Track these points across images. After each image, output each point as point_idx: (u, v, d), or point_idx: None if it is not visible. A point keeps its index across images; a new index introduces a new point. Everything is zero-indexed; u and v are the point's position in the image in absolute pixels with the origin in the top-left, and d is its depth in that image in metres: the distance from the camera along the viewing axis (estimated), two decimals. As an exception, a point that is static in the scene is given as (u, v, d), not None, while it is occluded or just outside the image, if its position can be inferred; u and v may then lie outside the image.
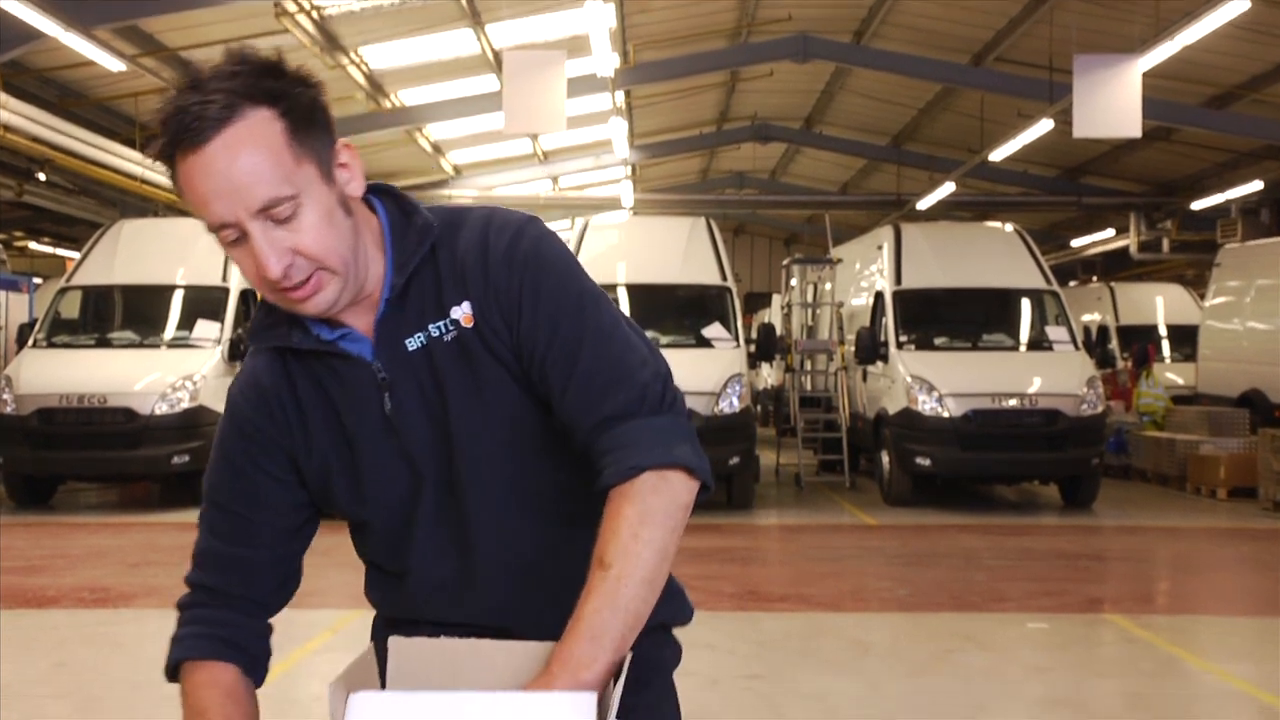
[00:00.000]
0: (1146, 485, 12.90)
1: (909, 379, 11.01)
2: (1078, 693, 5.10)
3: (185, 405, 10.30)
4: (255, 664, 1.42)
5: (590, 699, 1.02)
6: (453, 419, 1.37)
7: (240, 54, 1.27)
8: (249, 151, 1.23)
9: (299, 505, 1.43)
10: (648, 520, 1.26)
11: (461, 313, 1.36)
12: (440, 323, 1.37)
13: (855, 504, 11.47)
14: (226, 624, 1.40)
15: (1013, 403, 10.81)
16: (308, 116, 1.29)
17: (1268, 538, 9.63)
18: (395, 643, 1.27)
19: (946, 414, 10.75)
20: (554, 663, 1.17)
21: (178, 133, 1.24)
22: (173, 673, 1.41)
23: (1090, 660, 5.78)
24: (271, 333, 1.40)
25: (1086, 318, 17.43)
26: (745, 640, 5.99)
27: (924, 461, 10.81)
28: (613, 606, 1.21)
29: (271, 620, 1.47)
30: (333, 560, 1.50)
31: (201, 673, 1.37)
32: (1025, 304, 12.16)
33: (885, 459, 11.49)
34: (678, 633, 1.58)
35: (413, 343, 1.37)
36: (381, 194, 1.41)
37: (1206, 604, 7.37)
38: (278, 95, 1.26)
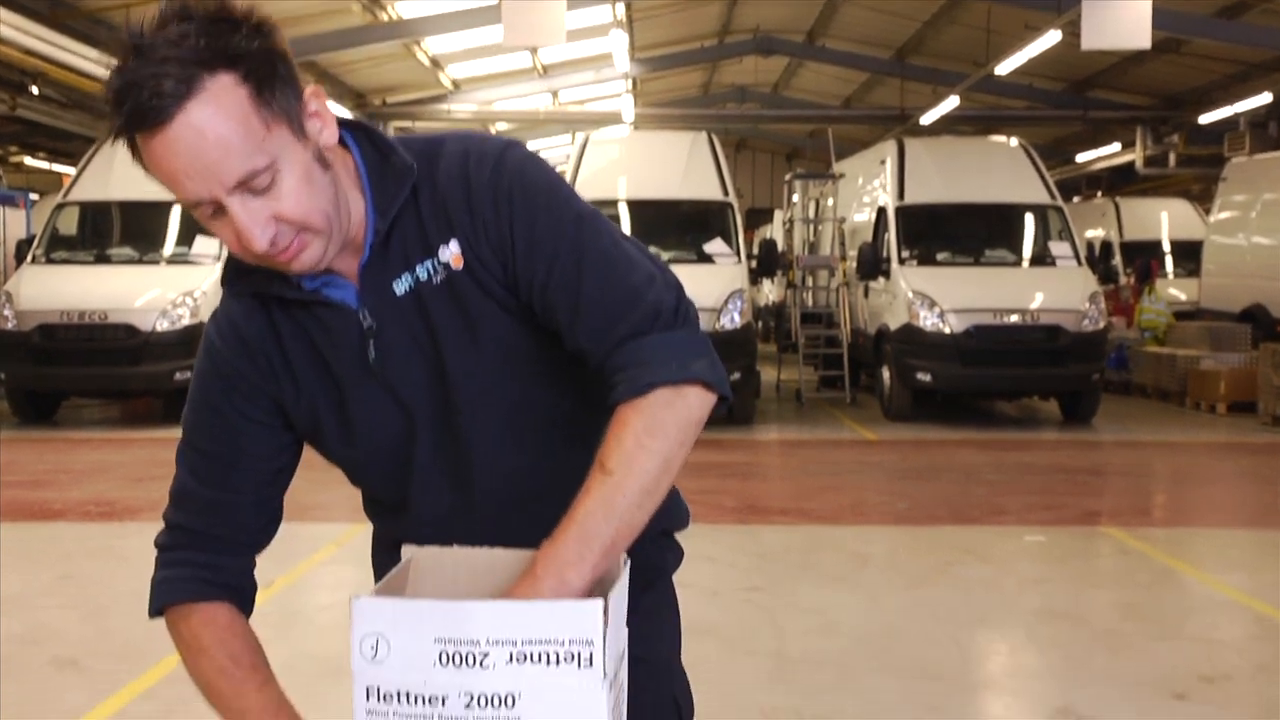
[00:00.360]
0: (1146, 401, 12.94)
1: (910, 294, 10.98)
2: (1075, 604, 5.16)
3: (186, 322, 10.29)
4: (245, 601, 1.41)
5: (596, 606, 1.01)
6: (447, 359, 1.34)
7: (182, 7, 1.17)
8: (216, 126, 1.15)
9: (282, 447, 1.40)
10: (655, 432, 1.23)
11: (450, 254, 1.31)
12: (427, 263, 1.32)
13: (855, 419, 11.51)
14: (211, 565, 1.38)
15: (1014, 318, 10.80)
16: (270, 73, 1.20)
17: (1266, 452, 9.69)
18: (409, 550, 1.27)
19: (948, 329, 10.75)
20: (540, 562, 1.15)
21: (134, 113, 1.15)
22: (157, 614, 1.40)
23: (1087, 572, 5.84)
24: (250, 279, 1.34)
25: (1090, 233, 17.33)
26: (745, 553, 6.05)
27: (924, 377, 10.83)
28: (607, 511, 1.19)
29: (257, 556, 1.45)
30: (336, 475, 1.49)
31: (196, 614, 1.36)
32: (1029, 219, 12.08)
33: (886, 374, 11.51)
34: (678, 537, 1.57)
35: (400, 286, 1.33)
36: (353, 129, 1.34)
37: (1203, 517, 7.44)
38: (235, 57, 1.17)
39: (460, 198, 1.31)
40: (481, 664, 0.99)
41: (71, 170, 13.94)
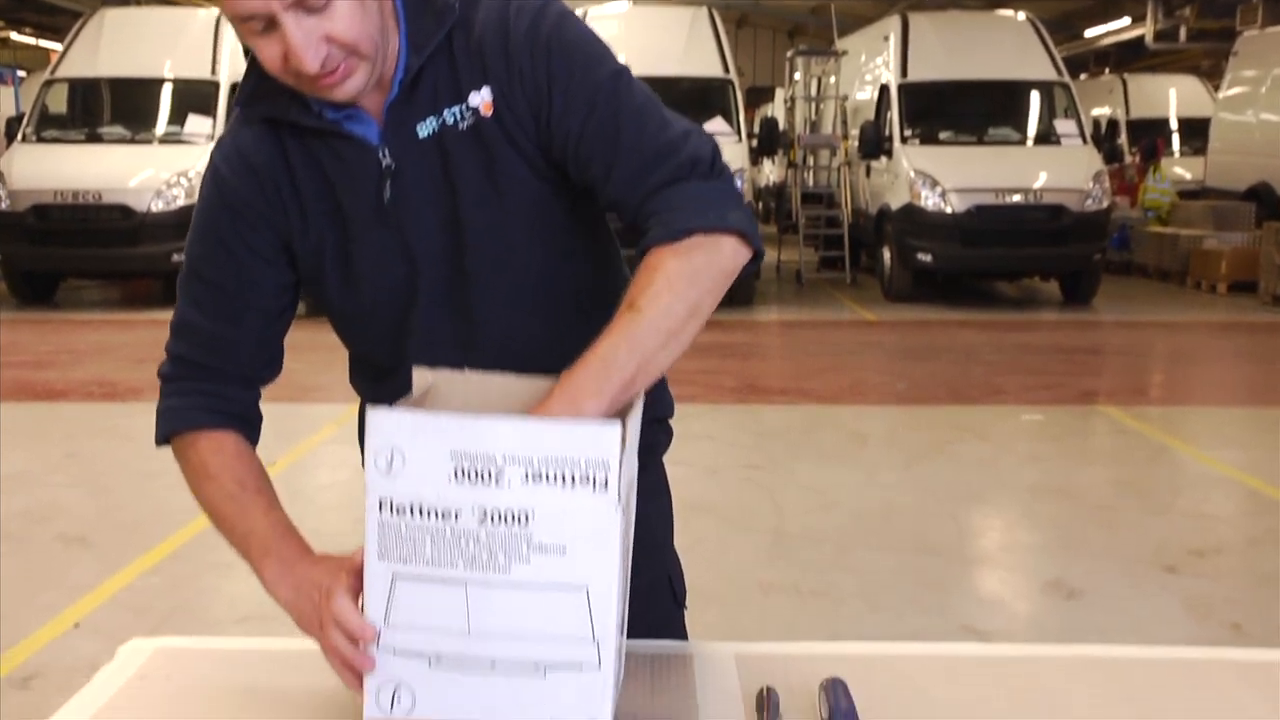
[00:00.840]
0: (1147, 281, 12.92)
1: (912, 174, 10.86)
2: (1070, 480, 5.22)
3: (181, 202, 10.19)
4: (252, 430, 1.40)
5: (615, 430, 1.00)
6: (462, 209, 1.31)
7: None
8: None
9: (285, 287, 1.37)
10: (687, 276, 1.20)
11: (481, 99, 1.28)
12: (456, 108, 1.29)
13: (855, 300, 11.50)
14: (217, 395, 1.37)
15: (1016, 198, 10.70)
16: None
17: (1265, 331, 9.70)
18: (422, 374, 1.24)
19: (949, 209, 10.66)
20: (557, 389, 1.13)
21: None
22: (163, 442, 1.39)
23: (1083, 450, 5.90)
24: (266, 103, 1.31)
25: (1097, 111, 17.07)
26: (745, 432, 6.10)
27: (925, 257, 10.79)
28: (630, 345, 1.16)
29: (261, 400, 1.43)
30: (338, 355, 1.48)
31: (203, 440, 1.35)
32: (1034, 97, 11.86)
33: (886, 255, 11.46)
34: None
35: (424, 129, 1.30)
36: None
37: (1200, 395, 7.48)
38: None
39: (498, 46, 1.28)
40: (497, 481, 1.00)
41: (59, 46, 13.65)
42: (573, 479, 0.99)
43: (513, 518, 1.00)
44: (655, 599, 1.46)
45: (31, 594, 3.77)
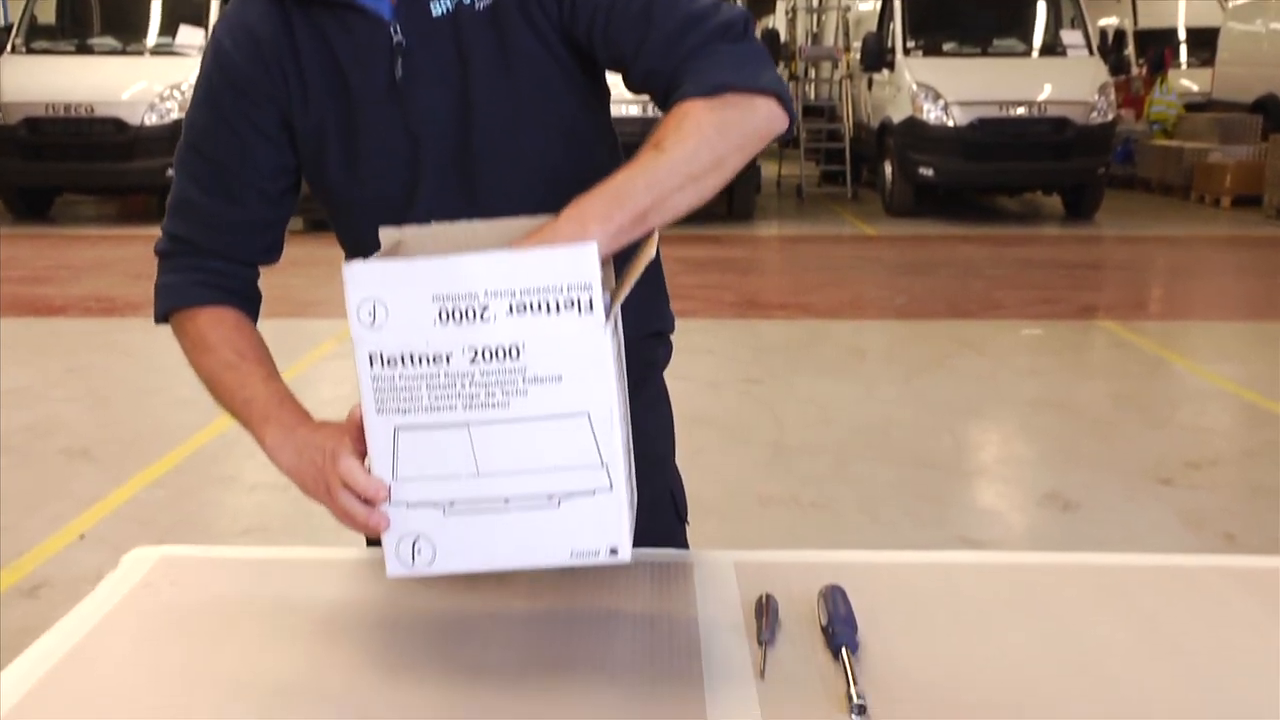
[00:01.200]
0: (1150, 195, 12.83)
1: (915, 86, 10.72)
2: (1067, 394, 5.24)
3: (175, 115, 10.08)
4: (252, 306, 1.38)
5: (591, 249, 0.98)
6: (473, 89, 1.27)
7: None
8: None
9: (285, 169, 1.34)
10: (717, 125, 1.16)
11: None
12: None
13: (856, 215, 11.44)
14: (217, 272, 1.35)
15: (1020, 110, 10.57)
16: None
17: (1267, 245, 9.66)
18: (390, 232, 1.20)
19: (952, 122, 10.55)
20: (565, 211, 1.09)
21: None
22: (162, 320, 1.37)
23: (1081, 364, 5.91)
24: None
25: (1103, 21, 16.79)
26: (744, 346, 6.11)
27: (927, 171, 10.70)
28: (649, 180, 1.12)
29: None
30: (336, 270, 1.46)
31: (202, 315, 1.33)
32: (1040, 6, 11.66)
33: (888, 169, 11.36)
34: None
35: (438, 7, 1.26)
36: None
37: (1199, 310, 7.47)
38: None
39: None
40: (482, 317, 0.99)
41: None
42: (557, 305, 0.99)
43: (504, 353, 1.00)
44: (658, 514, 1.46)
45: (36, 506, 3.81)
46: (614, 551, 1.04)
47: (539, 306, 0.99)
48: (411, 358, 1.01)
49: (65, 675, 1.09)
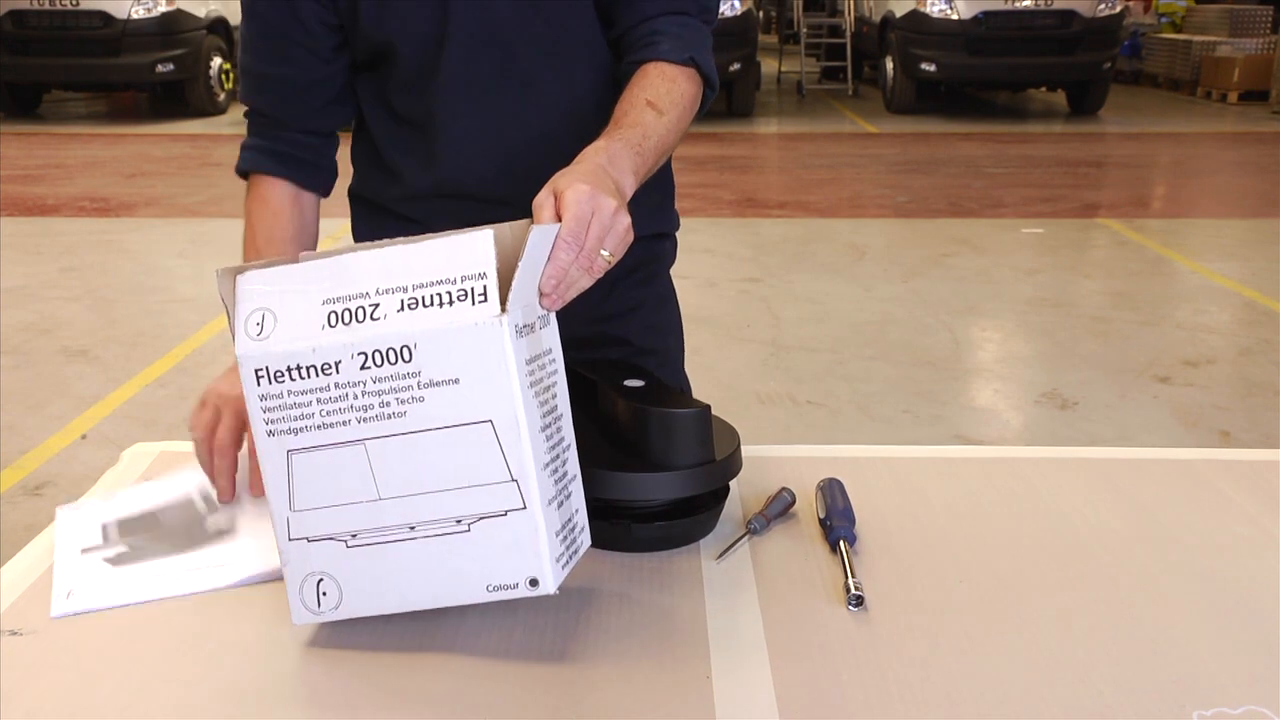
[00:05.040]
0: (1156, 91, 12.65)
1: (920, -22, 10.49)
2: (1066, 293, 5.23)
3: (163, 9, 9.88)
4: (318, 174, 1.39)
5: (487, 236, 0.91)
6: None
7: None
8: None
9: (331, 25, 1.33)
10: (689, 102, 1.25)
11: None
12: None
13: (857, 112, 11.28)
14: (281, 139, 1.37)
15: (1026, 3, 10.36)
16: None
17: (1272, 141, 9.56)
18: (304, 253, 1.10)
19: (956, 16, 10.35)
20: (593, 160, 1.07)
21: None
22: (242, 177, 1.41)
23: (1080, 262, 5.89)
24: None
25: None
26: (743, 245, 6.08)
27: (929, 67, 10.53)
28: (656, 143, 1.16)
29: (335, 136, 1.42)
30: (343, 170, 1.44)
31: (257, 187, 1.36)
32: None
33: (889, 65, 11.18)
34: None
35: None
36: None
37: (1201, 207, 7.42)
38: None
39: None
40: (372, 317, 0.92)
41: None
42: (450, 298, 0.91)
43: (395, 355, 0.91)
44: None
45: (38, 405, 3.82)
46: (533, 583, 0.93)
47: (431, 300, 0.91)
48: (299, 370, 0.92)
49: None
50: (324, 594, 0.97)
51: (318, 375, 0.92)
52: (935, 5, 10.41)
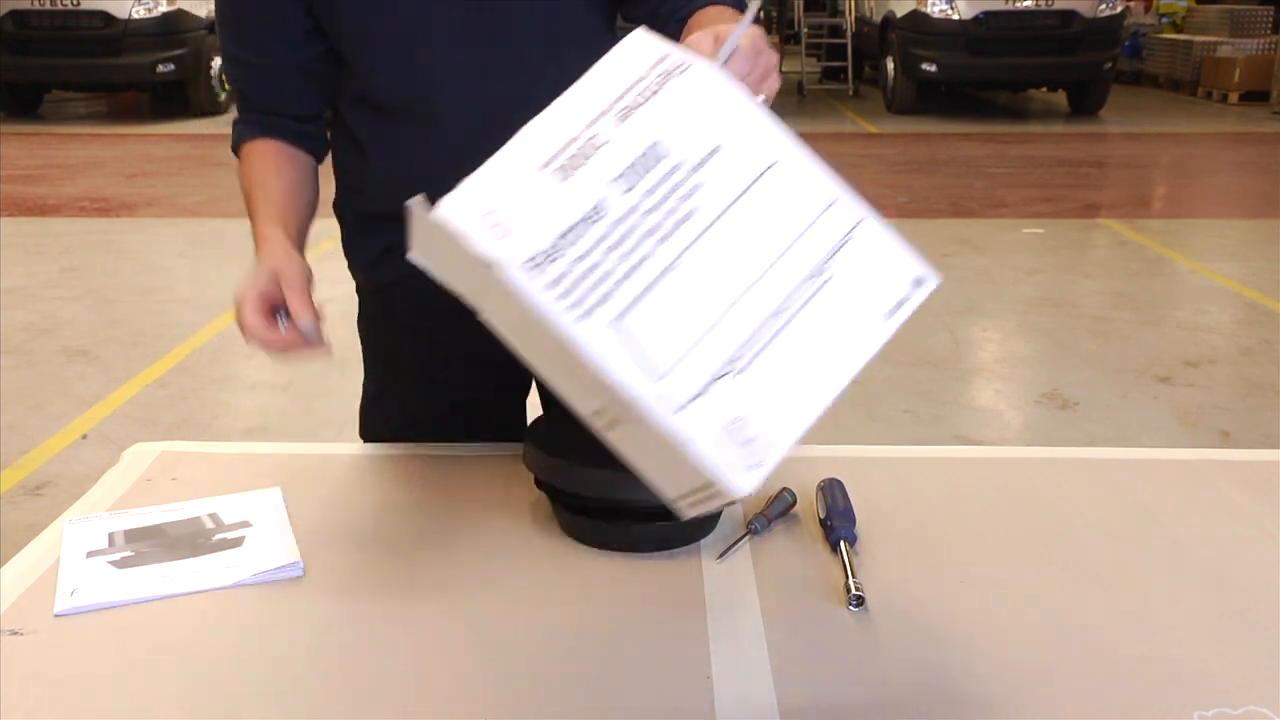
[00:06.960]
0: (1157, 91, 12.65)
1: (920, -22, 10.49)
2: (1067, 293, 5.23)
3: (164, 9, 9.88)
4: (305, 139, 1.39)
5: (641, 30, 0.88)
6: None
7: None
8: None
9: (303, 9, 1.32)
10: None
11: None
12: None
13: (858, 112, 11.28)
14: (272, 114, 1.38)
15: (1027, 3, 10.36)
16: None
17: (1273, 141, 9.55)
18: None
19: (956, 16, 10.34)
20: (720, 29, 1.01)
21: None
22: (235, 152, 1.42)
23: (1081, 262, 5.88)
24: None
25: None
26: (743, 245, 6.07)
27: (930, 67, 10.53)
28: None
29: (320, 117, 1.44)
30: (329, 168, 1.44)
31: (248, 154, 1.37)
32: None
33: (890, 65, 11.18)
34: None
35: None
36: None
37: (1202, 207, 7.42)
38: None
39: None
40: (597, 147, 0.84)
41: None
42: (654, 87, 0.86)
43: (645, 161, 0.84)
44: None
45: (39, 405, 3.82)
46: (919, 283, 0.88)
47: (639, 100, 0.85)
48: (569, 232, 0.81)
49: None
50: (749, 441, 0.82)
51: (589, 225, 0.82)
52: (936, 5, 10.40)
